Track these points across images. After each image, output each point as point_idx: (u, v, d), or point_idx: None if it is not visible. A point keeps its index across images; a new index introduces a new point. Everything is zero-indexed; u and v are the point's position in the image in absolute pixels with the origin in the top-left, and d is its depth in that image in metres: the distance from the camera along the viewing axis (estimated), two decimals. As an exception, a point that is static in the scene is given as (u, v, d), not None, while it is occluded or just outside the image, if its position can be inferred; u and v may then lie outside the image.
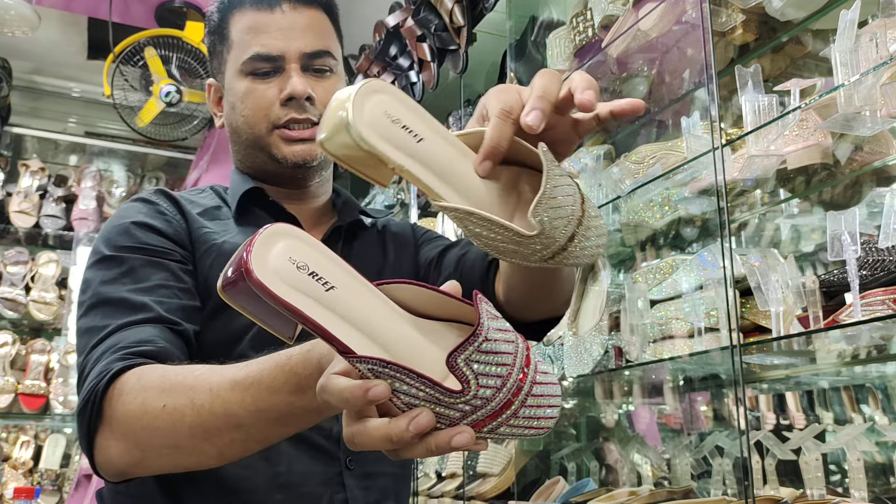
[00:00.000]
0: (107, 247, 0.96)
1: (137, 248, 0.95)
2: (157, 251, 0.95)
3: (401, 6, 2.78)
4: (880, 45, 1.22)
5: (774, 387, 2.12)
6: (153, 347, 0.84)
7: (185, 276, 0.95)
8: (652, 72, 1.96)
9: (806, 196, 1.71)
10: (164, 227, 0.98)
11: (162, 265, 0.94)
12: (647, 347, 1.60)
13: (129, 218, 0.98)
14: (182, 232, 1.00)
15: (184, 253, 0.98)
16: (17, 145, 3.92)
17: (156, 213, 1.00)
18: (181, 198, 1.06)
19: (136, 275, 0.92)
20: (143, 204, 1.01)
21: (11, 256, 3.61)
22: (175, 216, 1.01)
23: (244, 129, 1.05)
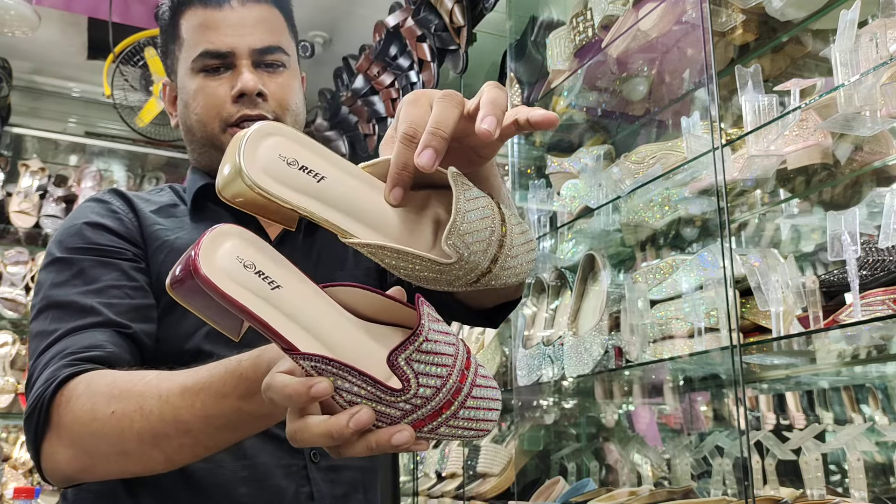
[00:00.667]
0: (58, 248, 0.96)
1: (88, 248, 0.95)
2: (108, 251, 0.95)
3: (401, 6, 2.78)
4: (880, 45, 1.22)
5: (774, 387, 2.12)
6: (102, 353, 0.84)
7: (137, 274, 0.95)
8: (652, 72, 1.96)
9: (806, 196, 1.70)
10: (115, 225, 0.98)
11: (113, 265, 0.94)
12: (647, 347, 1.60)
13: (81, 219, 0.99)
14: (134, 230, 0.99)
15: (136, 251, 0.98)
16: (17, 145, 3.91)
17: (108, 211, 1.00)
18: (135, 196, 1.06)
19: (86, 276, 0.92)
20: (96, 203, 1.01)
21: (11, 256, 3.61)
22: (127, 214, 1.01)
23: (197, 128, 1.05)
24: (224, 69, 1.02)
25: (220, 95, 1.02)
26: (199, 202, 1.05)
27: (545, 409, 2.18)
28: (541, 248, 2.06)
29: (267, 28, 1.04)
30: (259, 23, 1.03)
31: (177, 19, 1.07)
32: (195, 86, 1.03)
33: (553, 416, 2.21)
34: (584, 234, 1.97)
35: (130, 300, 0.93)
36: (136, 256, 0.97)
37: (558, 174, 2.03)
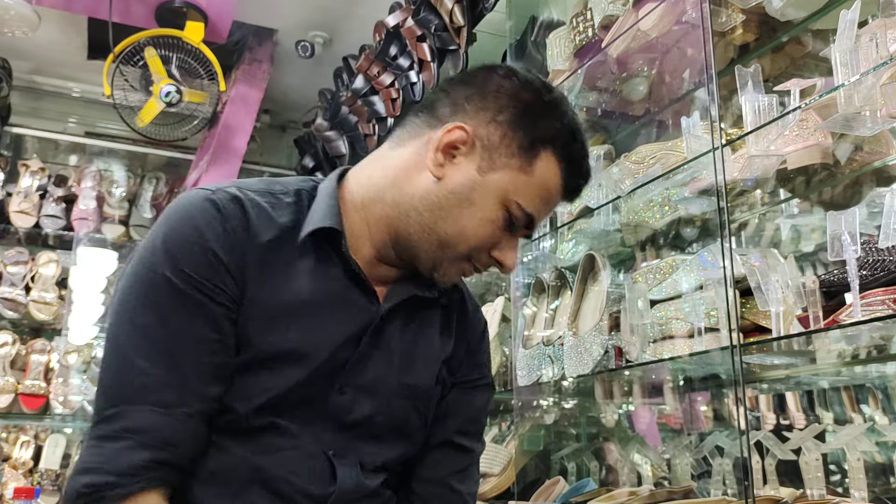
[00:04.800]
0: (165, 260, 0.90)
1: (192, 280, 0.89)
2: (208, 290, 0.90)
3: (401, 6, 2.78)
4: (880, 45, 1.22)
5: (774, 387, 2.12)
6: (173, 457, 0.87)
7: (226, 323, 0.91)
8: (652, 72, 1.96)
9: (806, 196, 1.70)
10: (225, 253, 0.91)
11: (207, 310, 0.89)
12: (647, 347, 1.60)
13: (197, 234, 0.91)
14: (240, 263, 0.92)
15: (233, 292, 0.91)
16: (17, 145, 3.91)
17: (221, 230, 0.92)
18: (255, 214, 0.95)
19: (182, 317, 0.89)
20: (217, 215, 0.92)
21: (11, 256, 3.61)
22: (240, 244, 0.92)
23: (455, 230, 0.96)
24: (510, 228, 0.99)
25: (491, 241, 0.99)
26: (316, 237, 0.97)
27: (545, 409, 2.18)
28: (541, 248, 2.06)
29: None
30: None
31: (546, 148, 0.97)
32: (496, 217, 0.97)
33: (553, 416, 2.20)
34: (584, 234, 1.97)
35: (211, 359, 0.90)
36: (230, 301, 0.91)
37: (558, 174, 2.03)
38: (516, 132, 0.96)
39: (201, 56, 3.13)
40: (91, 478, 0.84)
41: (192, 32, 3.12)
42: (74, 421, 3.55)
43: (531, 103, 0.97)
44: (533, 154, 0.96)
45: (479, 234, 0.97)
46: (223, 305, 0.91)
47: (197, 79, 3.20)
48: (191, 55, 3.13)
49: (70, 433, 3.57)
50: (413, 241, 0.98)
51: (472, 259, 1.00)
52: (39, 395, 3.45)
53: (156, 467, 0.86)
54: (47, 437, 3.49)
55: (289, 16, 3.30)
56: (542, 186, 0.98)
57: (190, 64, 3.15)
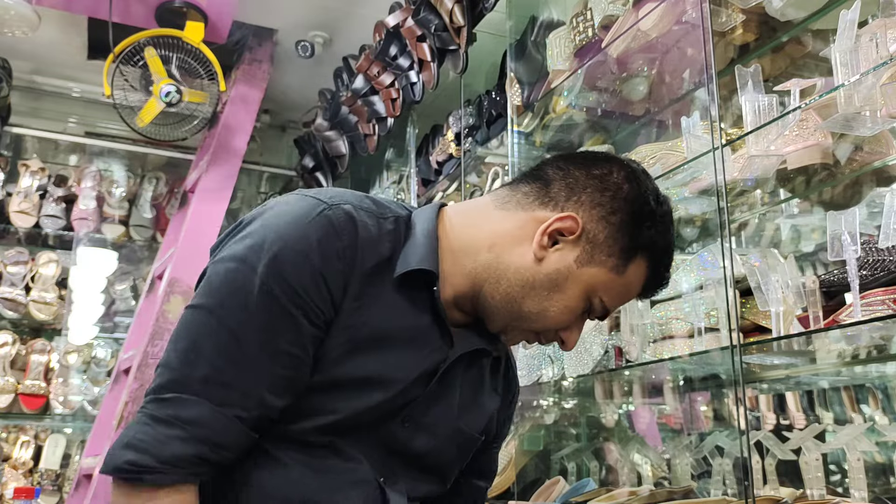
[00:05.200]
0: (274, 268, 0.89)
1: (296, 295, 0.89)
2: (306, 307, 0.89)
3: (401, 6, 2.78)
4: (880, 45, 1.22)
5: (774, 387, 2.12)
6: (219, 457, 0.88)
7: (311, 343, 0.91)
8: (652, 72, 1.97)
9: (806, 196, 1.71)
10: (332, 278, 0.91)
11: (297, 323, 0.89)
12: (647, 347, 1.60)
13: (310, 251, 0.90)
14: (342, 289, 0.92)
15: (328, 316, 0.92)
16: (17, 145, 3.91)
17: (334, 256, 0.91)
18: (365, 238, 0.94)
19: (270, 324, 0.89)
20: (331, 232, 0.92)
21: (11, 256, 3.61)
22: (346, 271, 0.92)
23: (537, 310, 0.99)
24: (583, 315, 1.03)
25: (559, 325, 1.02)
26: (410, 277, 0.97)
27: (545, 409, 2.18)
28: (541, 248, 2.05)
29: None
30: None
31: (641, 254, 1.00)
32: (577, 306, 1.00)
33: (553, 416, 2.21)
34: (584, 234, 1.97)
35: (290, 372, 0.90)
36: (323, 324, 0.91)
37: (558, 174, 2.03)
38: (622, 236, 0.99)
39: (201, 56, 3.13)
40: (135, 456, 0.85)
41: (192, 32, 3.12)
42: (74, 421, 3.56)
43: (643, 213, 1.00)
44: (629, 259, 0.99)
45: (558, 318, 1.00)
46: (316, 326, 0.91)
47: (197, 79, 3.20)
48: (191, 55, 3.13)
49: (70, 433, 3.58)
50: (494, 304, 1.00)
51: (540, 334, 1.04)
52: (39, 395, 3.45)
53: (198, 463, 0.86)
54: (47, 437, 3.49)
55: (289, 16, 3.30)
56: (626, 287, 1.01)
57: (190, 64, 3.15)
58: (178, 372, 0.88)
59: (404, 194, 2.97)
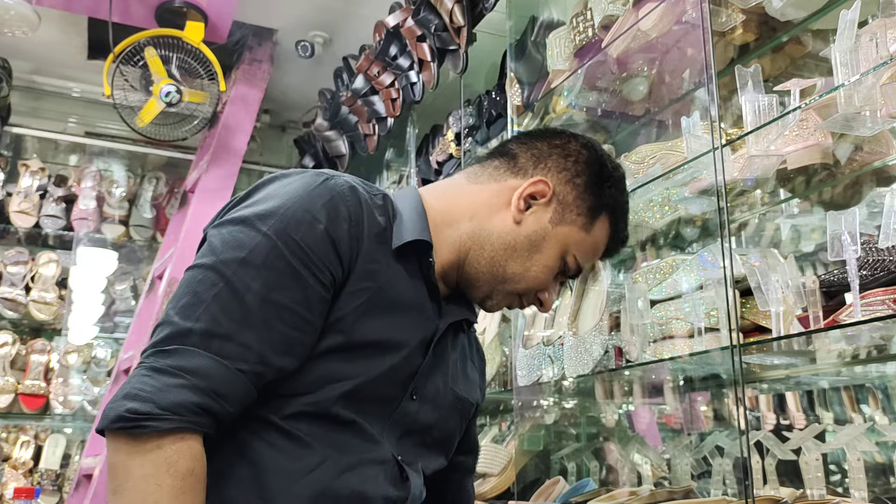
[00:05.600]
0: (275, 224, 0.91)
1: (299, 249, 0.90)
2: (312, 265, 0.91)
3: (401, 6, 2.78)
4: (880, 45, 1.22)
5: (774, 387, 2.12)
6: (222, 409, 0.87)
7: (318, 305, 0.92)
8: (652, 72, 1.96)
9: (806, 196, 1.71)
10: (339, 238, 0.93)
11: (304, 283, 0.90)
12: (647, 347, 1.60)
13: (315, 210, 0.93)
14: (352, 253, 0.94)
15: (336, 275, 0.93)
16: (17, 145, 3.91)
17: (341, 218, 0.94)
18: (367, 207, 0.98)
19: (273, 280, 0.89)
20: (337, 199, 0.95)
21: (11, 256, 3.61)
22: (356, 230, 0.95)
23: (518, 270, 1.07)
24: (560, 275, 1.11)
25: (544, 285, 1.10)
26: (404, 248, 1.01)
27: (545, 409, 2.18)
28: (541, 248, 2.05)
29: None
30: None
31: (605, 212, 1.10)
32: (554, 266, 1.08)
33: (553, 416, 2.21)
34: (584, 234, 1.97)
35: (292, 331, 0.90)
36: (331, 283, 0.93)
37: (558, 174, 2.03)
38: (588, 196, 1.09)
39: (201, 56, 3.13)
40: (137, 405, 0.83)
41: (192, 32, 3.12)
42: (74, 421, 3.56)
43: (604, 176, 1.11)
44: (595, 217, 1.09)
45: (538, 277, 1.08)
46: (323, 285, 0.92)
47: (197, 79, 3.20)
48: (191, 55, 3.13)
49: (70, 433, 3.58)
50: (480, 270, 1.07)
51: (521, 295, 1.10)
52: (39, 395, 3.45)
53: (201, 413, 0.85)
54: (47, 437, 3.49)
55: (289, 16, 3.30)
56: (595, 245, 1.11)
57: (190, 64, 3.15)
58: (179, 326, 0.87)
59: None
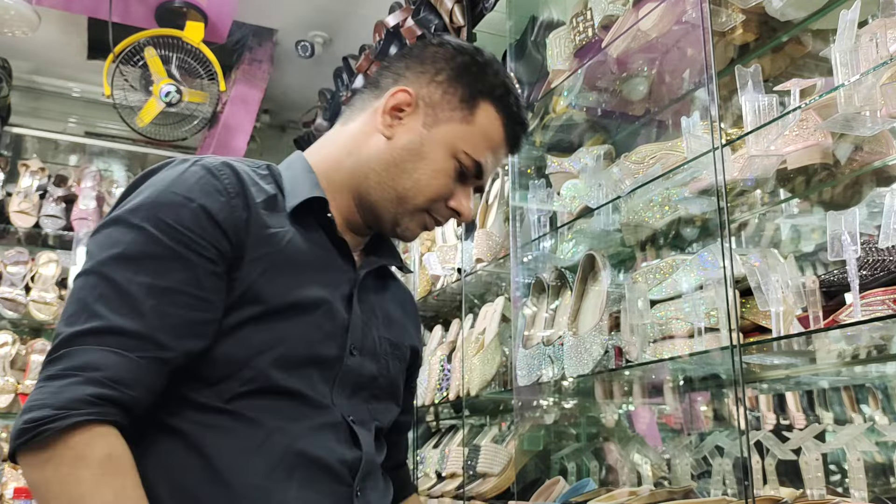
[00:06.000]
0: (146, 213, 0.90)
1: (176, 231, 0.89)
2: (194, 244, 0.90)
3: (401, 6, 2.78)
4: (880, 45, 1.22)
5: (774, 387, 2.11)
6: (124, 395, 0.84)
7: (210, 280, 0.90)
8: (652, 72, 1.96)
9: (806, 196, 1.70)
10: (218, 211, 0.92)
11: (190, 263, 0.89)
12: (647, 347, 1.60)
13: (186, 191, 0.92)
14: (238, 222, 0.93)
15: (223, 248, 0.92)
16: (17, 145, 3.91)
17: (216, 191, 0.93)
18: (247, 177, 0.98)
19: (156, 267, 0.88)
20: (208, 175, 0.94)
21: (11, 256, 3.61)
22: (236, 200, 0.94)
23: (410, 183, 1.05)
24: (464, 178, 1.08)
25: (446, 192, 1.07)
26: (300, 207, 1.01)
27: (545, 409, 2.18)
28: (541, 248, 2.06)
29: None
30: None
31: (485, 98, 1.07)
32: (446, 167, 1.06)
33: (553, 416, 2.20)
34: (584, 234, 1.97)
35: (188, 312, 0.88)
36: (218, 257, 0.91)
37: (558, 174, 2.03)
38: (455, 88, 1.06)
39: (201, 56, 3.13)
40: (33, 414, 0.81)
41: (192, 32, 3.12)
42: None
43: (465, 63, 1.07)
44: (473, 105, 1.06)
45: (433, 185, 1.05)
46: (209, 260, 0.91)
47: (197, 79, 3.20)
48: (191, 55, 3.13)
49: (70, 433, 3.57)
50: (374, 199, 1.06)
51: (431, 211, 1.08)
52: (39, 395, 3.45)
53: (100, 403, 0.82)
54: (47, 437, 3.48)
55: (289, 16, 3.30)
56: (486, 135, 1.07)
57: (190, 64, 3.15)
58: (66, 333, 0.86)
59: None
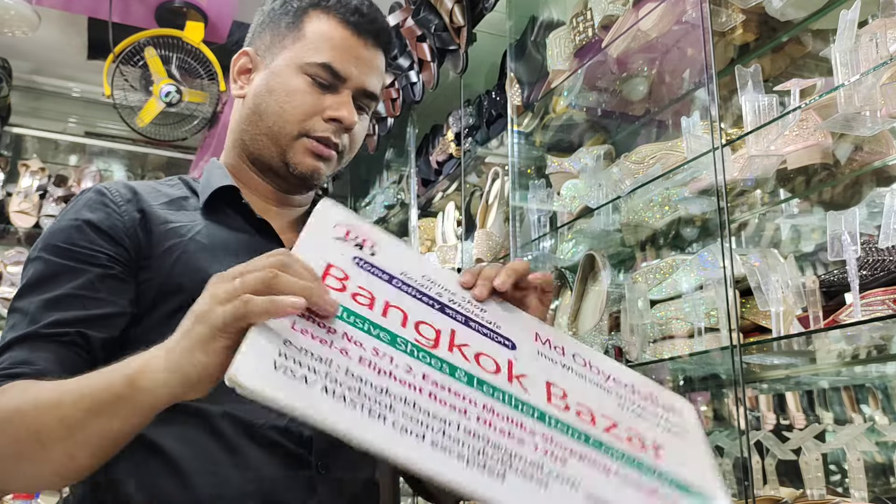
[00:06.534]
0: (41, 245, 0.96)
1: (64, 250, 0.94)
2: (82, 255, 0.94)
3: (401, 6, 2.78)
4: (880, 45, 1.22)
5: (774, 387, 2.12)
6: (29, 369, 0.85)
7: (105, 282, 0.93)
8: (652, 72, 1.96)
9: (806, 196, 1.70)
10: (102, 221, 0.96)
11: (81, 271, 0.93)
12: (647, 347, 1.60)
13: (70, 214, 0.98)
14: (128, 226, 0.97)
15: (115, 252, 0.95)
16: (17, 145, 3.92)
17: (100, 205, 0.98)
18: (144, 188, 1.03)
19: (50, 282, 0.92)
20: (94, 195, 1.00)
21: (11, 256, 3.61)
22: (123, 207, 0.98)
23: (273, 117, 1.05)
24: (329, 88, 1.05)
25: (317, 108, 1.05)
26: (213, 201, 1.04)
27: (545, 409, 2.17)
28: (541, 248, 2.06)
29: (378, 76, 1.10)
30: (375, 69, 1.09)
31: (307, 11, 1.08)
32: (297, 84, 1.05)
33: (553, 416, 2.20)
34: (584, 234, 1.97)
35: (84, 311, 0.91)
36: (111, 261, 0.95)
37: (558, 174, 2.03)
38: (278, 22, 1.09)
39: (201, 56, 3.13)
40: None
41: (192, 32, 3.12)
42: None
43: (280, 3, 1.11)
44: (298, 24, 1.07)
45: (292, 105, 1.04)
46: (101, 266, 0.94)
47: (197, 79, 3.20)
48: (191, 55, 3.13)
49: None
50: (257, 154, 1.08)
51: (310, 133, 1.05)
52: (39, 395, 3.45)
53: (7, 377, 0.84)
54: (47, 437, 3.49)
55: (289, 16, 3.30)
56: (322, 37, 1.05)
57: (190, 64, 3.15)
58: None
59: (404, 194, 2.97)
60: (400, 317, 0.71)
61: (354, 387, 0.61)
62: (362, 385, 0.62)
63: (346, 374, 0.62)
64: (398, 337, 0.68)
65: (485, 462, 0.60)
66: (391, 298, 0.72)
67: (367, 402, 0.60)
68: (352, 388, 0.61)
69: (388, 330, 0.68)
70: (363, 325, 0.67)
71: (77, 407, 0.72)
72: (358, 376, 0.62)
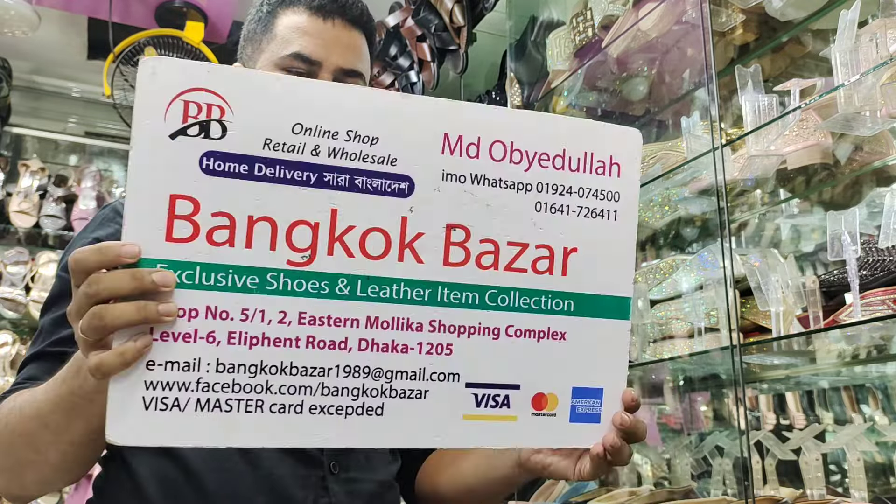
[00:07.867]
0: (62, 262, 1.00)
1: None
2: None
3: (401, 6, 2.78)
4: (880, 45, 1.22)
5: (774, 387, 2.12)
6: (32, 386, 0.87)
7: None
8: (652, 72, 1.96)
9: (806, 196, 1.71)
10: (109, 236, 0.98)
11: None
12: (647, 347, 1.60)
13: (85, 233, 1.02)
14: None
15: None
16: (17, 145, 3.91)
17: (111, 222, 1.01)
18: None
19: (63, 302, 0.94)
20: (109, 212, 1.04)
21: (11, 256, 3.61)
22: None
23: None
24: (306, 76, 1.04)
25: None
26: None
27: (545, 409, 2.17)
28: (541, 248, 2.06)
29: (356, 53, 1.09)
30: (351, 46, 1.08)
31: (275, 13, 1.09)
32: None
33: (553, 416, 2.20)
34: (584, 234, 1.97)
35: None
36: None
37: (558, 174, 2.03)
38: (254, 30, 1.11)
39: (201, 56, 3.13)
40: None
41: (192, 32, 3.12)
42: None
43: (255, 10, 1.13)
44: (269, 26, 1.09)
45: None
46: None
47: (197, 79, 3.20)
48: (191, 55, 3.13)
49: (70, 433, 3.57)
50: None
51: None
52: (39, 395, 3.45)
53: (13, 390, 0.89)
54: (47, 437, 3.49)
55: (289, 16, 3.30)
56: (291, 30, 1.06)
57: (190, 64, 3.15)
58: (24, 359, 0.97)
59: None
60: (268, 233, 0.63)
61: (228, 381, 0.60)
62: (236, 375, 0.60)
63: (217, 368, 0.60)
64: (267, 272, 0.62)
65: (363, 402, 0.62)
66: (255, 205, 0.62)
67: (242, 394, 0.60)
68: (227, 386, 0.60)
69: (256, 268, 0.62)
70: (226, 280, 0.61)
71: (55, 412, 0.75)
72: (230, 364, 0.60)
